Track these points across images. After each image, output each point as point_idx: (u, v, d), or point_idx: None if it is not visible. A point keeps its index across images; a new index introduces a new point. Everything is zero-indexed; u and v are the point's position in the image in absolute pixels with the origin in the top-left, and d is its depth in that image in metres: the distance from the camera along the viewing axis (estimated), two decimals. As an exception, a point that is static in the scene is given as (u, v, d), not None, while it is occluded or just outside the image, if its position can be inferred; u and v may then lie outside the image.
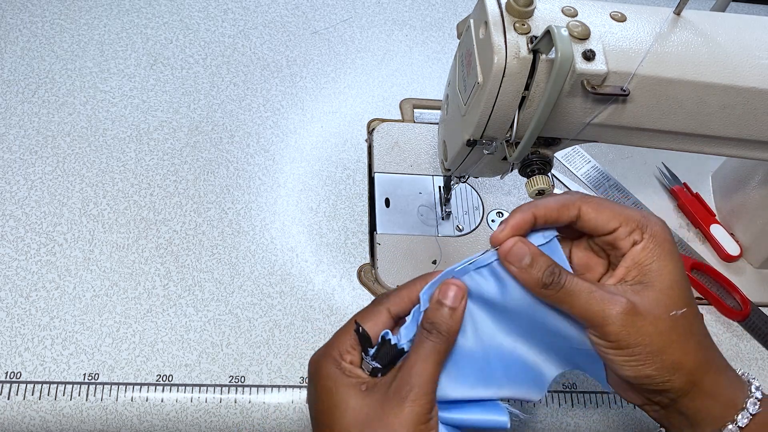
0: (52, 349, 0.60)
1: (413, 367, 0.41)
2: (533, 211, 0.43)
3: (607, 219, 0.43)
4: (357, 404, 0.41)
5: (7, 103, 0.74)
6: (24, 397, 0.58)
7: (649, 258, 0.42)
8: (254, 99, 0.79)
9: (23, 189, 0.68)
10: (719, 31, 0.52)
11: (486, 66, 0.49)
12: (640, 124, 0.53)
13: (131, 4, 0.84)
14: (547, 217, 0.43)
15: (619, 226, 0.42)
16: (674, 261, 0.42)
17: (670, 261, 0.42)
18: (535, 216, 0.43)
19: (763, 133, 0.54)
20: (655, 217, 0.43)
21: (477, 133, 0.52)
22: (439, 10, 0.92)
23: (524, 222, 0.42)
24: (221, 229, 0.69)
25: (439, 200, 0.73)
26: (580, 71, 0.48)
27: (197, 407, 0.59)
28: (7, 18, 0.81)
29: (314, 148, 0.76)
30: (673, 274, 0.41)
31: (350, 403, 0.41)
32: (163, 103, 0.77)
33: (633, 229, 0.42)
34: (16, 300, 0.62)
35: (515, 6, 0.48)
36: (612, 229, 0.43)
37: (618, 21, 0.51)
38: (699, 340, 0.42)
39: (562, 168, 0.79)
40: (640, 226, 0.42)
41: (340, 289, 0.67)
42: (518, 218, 0.43)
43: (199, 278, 0.66)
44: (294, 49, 0.84)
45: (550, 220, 0.43)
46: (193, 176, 0.72)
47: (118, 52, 0.80)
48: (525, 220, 0.42)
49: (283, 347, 0.63)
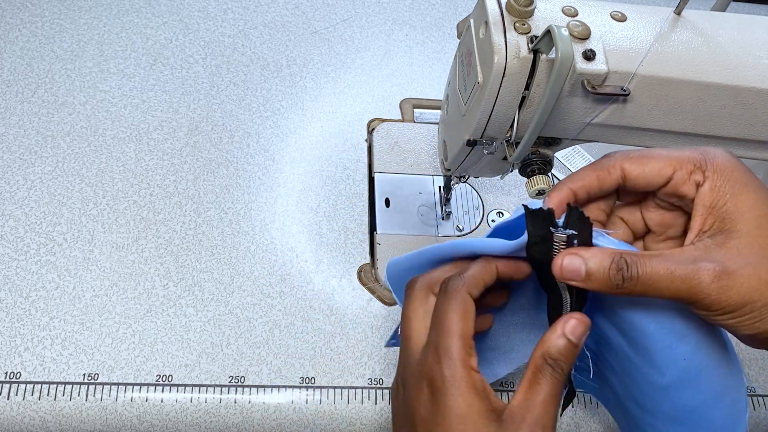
0: (51, 349, 0.60)
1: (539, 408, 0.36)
2: (569, 186, 0.39)
3: (657, 169, 0.38)
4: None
5: (6, 103, 0.74)
6: (23, 397, 0.57)
7: (722, 197, 0.36)
8: (254, 99, 0.79)
9: (23, 189, 0.68)
10: (720, 31, 0.52)
11: (486, 66, 0.49)
12: (640, 124, 0.53)
13: (131, 4, 0.84)
14: (588, 188, 0.39)
15: (674, 172, 0.38)
16: (753, 190, 0.36)
17: (747, 193, 0.36)
18: (572, 190, 0.39)
19: (763, 133, 0.54)
20: (715, 149, 0.38)
21: (477, 133, 0.52)
22: (439, 9, 0.92)
23: (563, 201, 0.39)
24: (221, 229, 0.69)
25: (439, 200, 0.73)
26: (580, 71, 0.48)
27: (197, 407, 0.59)
28: (6, 18, 0.81)
29: (314, 148, 0.76)
30: (755, 208, 0.36)
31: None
32: (162, 103, 0.77)
33: (691, 171, 0.37)
34: (16, 300, 0.62)
35: (515, 6, 0.48)
36: (667, 178, 0.38)
37: (618, 21, 0.51)
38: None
39: (563, 168, 0.79)
40: (698, 164, 0.37)
41: (340, 289, 0.67)
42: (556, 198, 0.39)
43: (199, 278, 0.65)
44: (294, 49, 0.84)
45: (592, 191, 0.39)
46: (192, 176, 0.72)
47: (117, 51, 0.80)
48: (562, 199, 0.39)
49: (283, 347, 0.63)
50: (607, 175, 0.39)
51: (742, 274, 0.34)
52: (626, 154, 0.39)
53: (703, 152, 0.38)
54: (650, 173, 0.38)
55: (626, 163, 0.39)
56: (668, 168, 0.38)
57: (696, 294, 0.35)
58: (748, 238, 0.35)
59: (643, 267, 0.35)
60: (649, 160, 0.38)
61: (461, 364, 0.37)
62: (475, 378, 0.37)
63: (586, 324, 0.37)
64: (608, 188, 0.39)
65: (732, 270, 0.34)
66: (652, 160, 0.38)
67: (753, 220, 0.35)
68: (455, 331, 0.37)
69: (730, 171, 0.37)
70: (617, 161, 0.39)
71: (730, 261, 0.35)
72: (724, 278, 0.34)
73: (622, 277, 0.35)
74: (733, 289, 0.34)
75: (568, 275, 0.37)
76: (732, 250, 0.35)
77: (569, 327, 0.37)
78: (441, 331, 0.38)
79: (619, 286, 0.36)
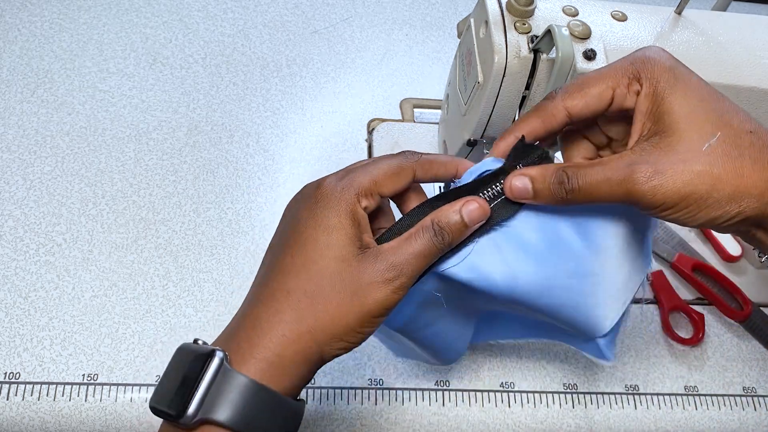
0: (51, 349, 0.60)
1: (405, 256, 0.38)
2: (515, 134, 0.40)
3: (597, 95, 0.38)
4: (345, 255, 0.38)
5: (5, 103, 0.74)
6: (23, 397, 0.57)
7: (656, 101, 0.37)
8: (254, 99, 0.79)
9: (22, 189, 0.68)
10: (720, 31, 0.52)
11: (486, 65, 0.49)
12: (640, 124, 0.53)
13: (131, 4, 0.84)
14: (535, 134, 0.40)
15: (614, 91, 0.38)
16: (683, 86, 0.36)
17: (678, 90, 0.36)
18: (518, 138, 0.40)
19: (764, 133, 0.54)
20: (648, 51, 0.38)
21: (477, 132, 0.52)
22: (439, 9, 0.92)
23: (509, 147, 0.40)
24: (221, 229, 0.69)
25: (439, 200, 0.73)
26: (580, 71, 0.48)
27: (196, 408, 0.59)
28: (6, 17, 0.80)
29: (314, 148, 0.76)
30: (685, 104, 0.36)
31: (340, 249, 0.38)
32: (162, 103, 0.76)
33: (628, 83, 0.38)
34: (15, 300, 0.62)
35: (516, 5, 0.48)
36: (609, 99, 0.38)
37: (619, 20, 0.51)
38: (754, 155, 0.35)
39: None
40: (633, 74, 0.37)
41: (340, 289, 0.67)
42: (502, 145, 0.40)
43: (199, 278, 0.65)
44: (294, 49, 0.84)
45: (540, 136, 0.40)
46: (192, 176, 0.72)
47: (117, 51, 0.80)
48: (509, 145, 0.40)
49: (283, 348, 0.63)
50: (552, 118, 0.39)
51: (675, 170, 0.35)
52: (565, 91, 0.39)
53: (634, 60, 0.38)
54: (592, 102, 0.38)
55: (567, 101, 0.39)
56: (607, 90, 0.38)
57: (633, 195, 0.36)
58: (680, 134, 0.36)
59: (583, 177, 0.37)
60: (587, 89, 0.38)
61: (353, 193, 0.38)
62: (358, 210, 0.39)
63: (484, 212, 0.39)
64: (555, 130, 0.40)
65: (664, 168, 0.35)
66: (591, 87, 0.38)
67: (684, 116, 0.36)
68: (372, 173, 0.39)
69: (662, 72, 0.37)
70: (558, 101, 0.39)
71: (662, 159, 0.35)
72: (657, 177, 0.35)
73: (565, 190, 0.38)
74: (667, 186, 0.35)
75: (518, 194, 0.39)
76: (665, 149, 0.36)
77: (467, 208, 0.39)
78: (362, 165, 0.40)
79: (564, 198, 0.38)
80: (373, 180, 0.39)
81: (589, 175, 0.37)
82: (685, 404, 0.64)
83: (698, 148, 0.35)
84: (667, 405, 0.64)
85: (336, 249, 0.38)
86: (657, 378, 0.65)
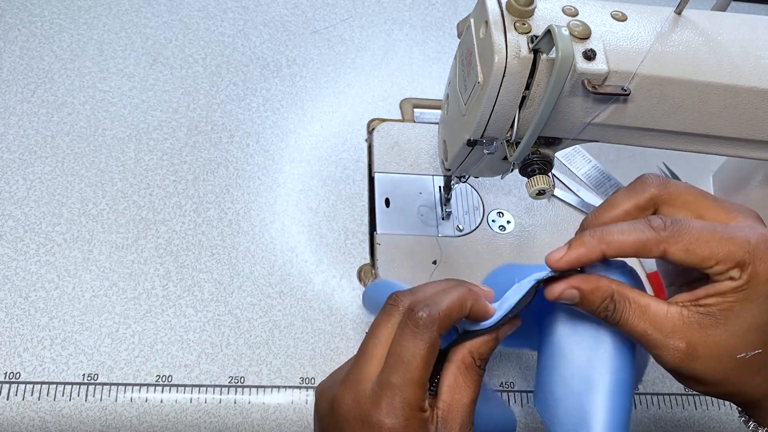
0: (51, 349, 0.60)
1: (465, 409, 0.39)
2: (603, 249, 0.37)
3: (701, 260, 0.36)
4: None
5: (6, 103, 0.74)
6: (23, 397, 0.57)
7: (737, 298, 0.36)
8: (254, 99, 0.79)
9: (22, 189, 0.68)
10: (720, 31, 0.52)
11: (486, 65, 0.49)
12: (641, 124, 0.53)
13: (131, 4, 0.84)
14: (620, 255, 0.38)
15: (716, 264, 0.36)
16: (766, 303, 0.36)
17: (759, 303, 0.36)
18: (604, 254, 0.38)
19: (764, 133, 0.54)
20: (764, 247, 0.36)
21: (477, 132, 0.52)
22: (439, 9, 0.92)
23: (590, 260, 0.38)
24: (221, 229, 0.69)
25: (439, 200, 0.73)
26: (580, 71, 0.48)
27: (197, 408, 0.59)
28: (6, 17, 0.80)
29: (314, 148, 0.76)
30: (757, 317, 0.36)
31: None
32: (162, 103, 0.76)
33: (731, 267, 0.36)
34: (15, 300, 0.62)
35: (516, 5, 0.48)
36: (706, 267, 0.37)
37: (619, 20, 0.51)
38: None
39: (563, 168, 0.79)
40: (742, 264, 0.36)
41: (340, 289, 0.67)
42: (582, 254, 0.38)
43: (199, 278, 0.65)
44: (294, 49, 0.84)
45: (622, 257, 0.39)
46: (192, 176, 0.72)
47: (117, 51, 0.80)
48: (590, 258, 0.38)
49: (283, 348, 0.63)
50: (647, 252, 0.37)
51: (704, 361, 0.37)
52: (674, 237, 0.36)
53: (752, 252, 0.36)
54: (693, 262, 0.37)
55: (672, 247, 0.36)
56: (712, 260, 0.36)
57: (659, 359, 0.38)
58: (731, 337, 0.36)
59: (626, 316, 0.38)
60: (696, 250, 0.36)
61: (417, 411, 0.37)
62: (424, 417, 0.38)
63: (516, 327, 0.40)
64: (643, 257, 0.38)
65: (699, 355, 0.37)
66: (699, 251, 0.36)
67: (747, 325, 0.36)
68: (418, 380, 0.37)
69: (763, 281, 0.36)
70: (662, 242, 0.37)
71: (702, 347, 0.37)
72: (688, 360, 0.37)
73: (606, 317, 0.38)
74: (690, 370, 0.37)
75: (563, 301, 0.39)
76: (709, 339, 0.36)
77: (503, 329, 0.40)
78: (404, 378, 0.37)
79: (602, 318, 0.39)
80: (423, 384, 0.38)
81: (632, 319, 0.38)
82: (685, 404, 0.64)
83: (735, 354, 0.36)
84: (667, 405, 0.64)
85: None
86: (657, 378, 0.65)
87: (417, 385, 0.37)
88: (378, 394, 0.37)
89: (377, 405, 0.37)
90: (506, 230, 0.72)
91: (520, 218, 0.73)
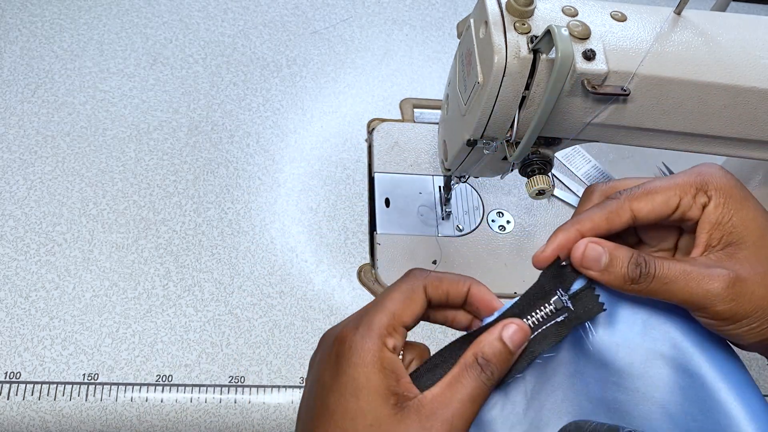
0: (51, 349, 0.60)
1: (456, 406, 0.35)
2: (577, 228, 0.38)
3: (664, 201, 0.38)
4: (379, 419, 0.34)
5: (6, 103, 0.74)
6: (23, 397, 0.57)
7: (726, 214, 0.38)
8: (254, 99, 0.79)
9: (23, 189, 0.68)
10: (720, 31, 0.52)
11: (486, 66, 0.49)
12: (640, 124, 0.53)
13: (131, 4, 0.84)
14: (596, 231, 0.39)
15: (680, 200, 0.38)
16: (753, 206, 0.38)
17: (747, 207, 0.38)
18: (581, 233, 0.38)
19: (763, 133, 0.54)
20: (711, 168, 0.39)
21: (477, 132, 0.52)
22: (439, 9, 0.92)
23: (569, 242, 0.38)
24: (221, 229, 0.69)
25: (439, 200, 0.73)
26: (580, 71, 0.48)
27: (197, 407, 0.59)
28: (6, 17, 0.80)
29: (314, 148, 0.76)
30: (757, 220, 0.37)
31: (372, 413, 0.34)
32: (162, 103, 0.76)
33: (695, 194, 0.38)
34: (16, 300, 0.62)
35: (515, 5, 0.48)
36: (675, 207, 0.38)
37: (618, 21, 0.51)
38: None
39: (563, 168, 0.79)
40: (700, 186, 0.38)
41: (340, 289, 0.67)
42: (562, 238, 0.38)
43: (199, 278, 0.65)
44: (294, 49, 0.84)
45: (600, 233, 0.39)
46: (192, 176, 0.72)
47: (117, 51, 0.80)
48: (569, 239, 0.38)
49: (283, 347, 0.63)
50: (617, 217, 0.39)
51: (754, 281, 0.36)
52: (631, 194, 0.39)
53: (700, 173, 0.39)
54: (659, 207, 0.38)
55: (634, 203, 0.39)
56: (674, 197, 0.38)
57: (710, 298, 0.36)
58: (755, 248, 0.37)
59: (660, 266, 0.36)
60: (654, 195, 0.39)
61: (376, 337, 0.35)
62: (386, 355, 0.35)
63: (525, 332, 0.37)
64: (617, 229, 0.39)
65: (743, 276, 0.36)
66: (658, 194, 0.39)
67: (757, 231, 0.37)
68: (388, 308, 0.37)
69: (730, 188, 0.38)
70: (625, 202, 0.39)
71: (742, 269, 0.36)
72: (738, 284, 0.35)
73: (639, 273, 0.36)
74: (746, 296, 0.36)
75: (587, 263, 0.37)
76: (742, 260, 0.36)
77: (508, 331, 0.36)
78: (375, 303, 0.37)
79: (635, 280, 0.36)
80: (391, 313, 0.37)
81: (667, 267, 0.36)
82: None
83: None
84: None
85: (370, 415, 0.34)
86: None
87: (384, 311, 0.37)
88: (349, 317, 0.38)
89: (345, 325, 0.37)
90: (506, 230, 0.72)
91: (519, 218, 0.73)
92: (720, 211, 0.38)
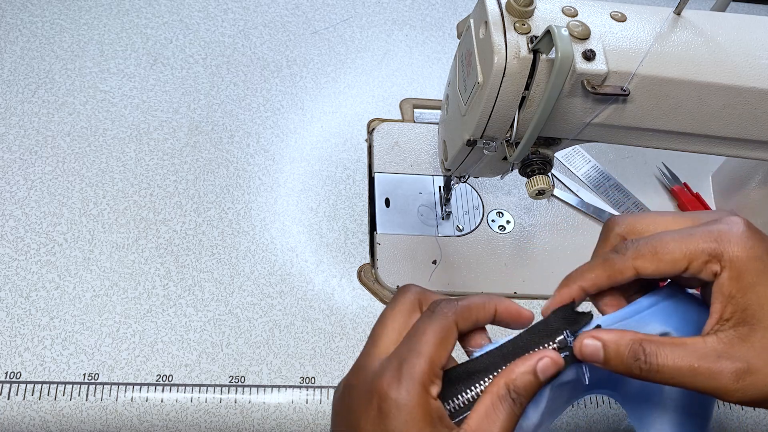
0: (51, 349, 0.60)
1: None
2: (580, 284, 0.38)
3: (671, 263, 0.36)
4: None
5: (6, 103, 0.74)
6: (24, 397, 0.57)
7: (740, 290, 0.35)
8: (254, 99, 0.79)
9: (23, 189, 0.68)
10: (719, 31, 0.52)
11: (486, 66, 0.49)
12: (640, 124, 0.53)
13: (131, 4, 0.84)
14: (598, 285, 0.38)
15: (689, 264, 0.36)
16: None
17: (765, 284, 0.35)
18: (583, 290, 0.38)
19: (763, 133, 0.54)
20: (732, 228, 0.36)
21: (477, 133, 0.52)
22: (439, 10, 0.92)
23: (571, 298, 0.39)
24: (221, 229, 0.69)
25: (439, 200, 0.73)
26: (580, 71, 0.48)
27: (197, 407, 0.59)
28: (6, 18, 0.81)
29: (314, 148, 0.76)
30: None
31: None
32: (163, 103, 0.77)
33: (706, 261, 0.36)
34: (16, 300, 0.62)
35: (515, 6, 0.48)
36: (682, 270, 0.37)
37: (618, 21, 0.51)
38: None
39: (563, 168, 0.79)
40: (714, 254, 0.36)
41: (340, 289, 0.67)
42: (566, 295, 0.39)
43: (199, 278, 0.65)
44: (294, 49, 0.84)
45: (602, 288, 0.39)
46: (193, 176, 0.72)
47: (117, 51, 0.80)
48: (571, 296, 0.39)
49: (283, 347, 0.63)
50: (619, 275, 0.38)
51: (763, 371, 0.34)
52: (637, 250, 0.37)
53: (718, 239, 0.36)
54: (665, 269, 0.37)
55: (638, 261, 0.37)
56: (683, 261, 0.36)
57: (717, 390, 0.35)
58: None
59: (663, 358, 0.35)
60: (662, 255, 0.37)
61: (422, 391, 0.35)
62: (433, 406, 0.35)
63: (558, 366, 0.37)
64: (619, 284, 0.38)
65: (757, 368, 0.35)
66: (665, 255, 0.37)
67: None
68: (426, 353, 0.36)
69: (746, 261, 0.36)
70: (629, 260, 0.37)
71: (754, 358, 0.35)
72: (749, 377, 0.34)
73: (640, 367, 0.36)
74: (758, 387, 0.35)
75: (588, 356, 0.37)
76: (756, 345, 0.35)
77: (542, 365, 0.36)
78: (411, 349, 0.36)
79: (636, 374, 0.36)
80: (430, 360, 0.36)
81: (672, 358, 0.35)
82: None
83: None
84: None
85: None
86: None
87: (423, 358, 0.36)
88: (384, 365, 0.37)
89: (381, 375, 0.36)
90: (506, 230, 0.72)
91: (519, 218, 0.74)
92: (734, 285, 0.35)
